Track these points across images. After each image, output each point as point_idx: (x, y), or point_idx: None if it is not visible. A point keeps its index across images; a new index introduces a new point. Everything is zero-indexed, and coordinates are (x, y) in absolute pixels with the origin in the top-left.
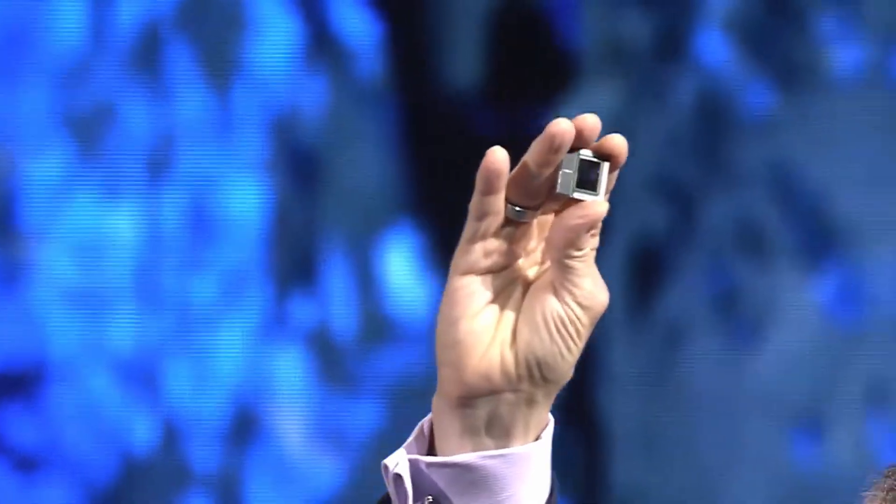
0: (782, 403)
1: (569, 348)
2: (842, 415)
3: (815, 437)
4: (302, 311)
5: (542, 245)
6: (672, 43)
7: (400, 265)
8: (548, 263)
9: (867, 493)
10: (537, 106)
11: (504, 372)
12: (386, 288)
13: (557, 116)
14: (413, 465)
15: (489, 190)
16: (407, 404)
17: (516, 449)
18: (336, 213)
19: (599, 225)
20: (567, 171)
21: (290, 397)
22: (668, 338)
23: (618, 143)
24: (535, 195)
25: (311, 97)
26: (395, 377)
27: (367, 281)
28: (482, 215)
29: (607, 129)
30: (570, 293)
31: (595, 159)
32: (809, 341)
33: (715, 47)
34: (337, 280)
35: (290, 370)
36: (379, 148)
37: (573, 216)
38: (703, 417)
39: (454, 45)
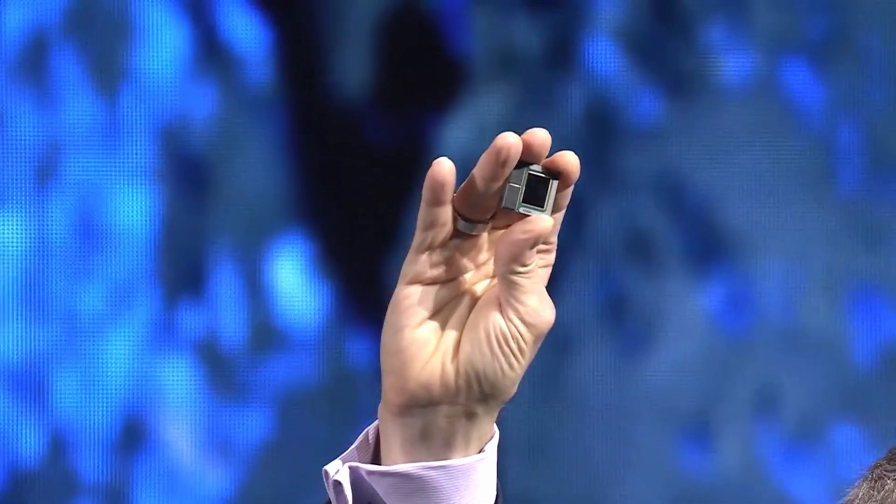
0: (671, 410)
1: (510, 365)
2: (730, 421)
3: (703, 443)
4: (190, 319)
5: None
6: (561, 51)
7: (289, 273)
8: (496, 278)
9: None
10: (427, 113)
11: (444, 384)
12: (275, 296)
13: (447, 124)
14: (354, 472)
15: (434, 201)
16: (296, 413)
17: (458, 461)
18: (225, 220)
19: (554, 241)
20: (514, 185)
21: (178, 406)
22: (558, 345)
23: (569, 160)
24: (484, 209)
25: (200, 104)
26: (284, 386)
27: (256, 289)
28: (428, 226)
29: (496, 135)
30: (515, 309)
31: (544, 175)
32: (698, 348)
33: (604, 55)
34: (225, 288)
35: (178, 379)
36: (268, 155)
37: (518, 231)
38: (593, 424)
39: (344, 52)
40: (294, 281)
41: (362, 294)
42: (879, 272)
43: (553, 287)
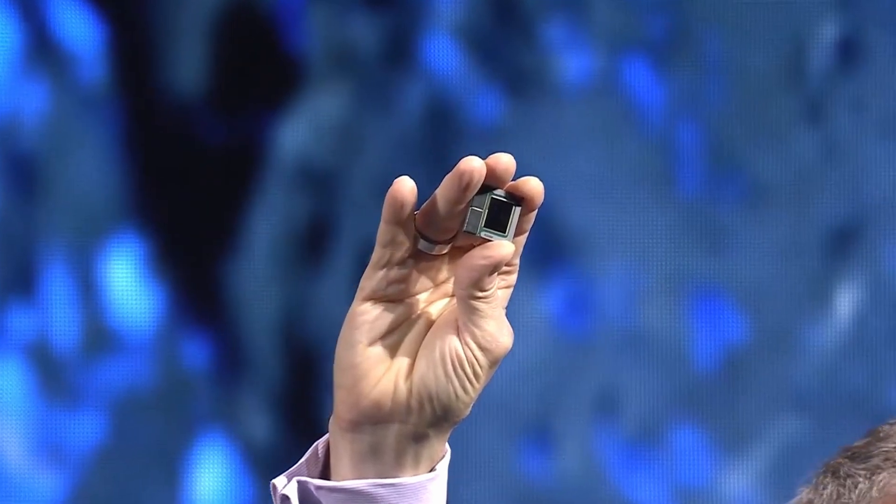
0: (511, 413)
1: (465, 389)
2: (570, 425)
3: (543, 447)
4: (21, 321)
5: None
6: (400, 48)
7: (123, 274)
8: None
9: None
10: (263, 112)
11: (396, 402)
12: (108, 297)
13: (283, 123)
14: (302, 486)
15: (393, 219)
16: (130, 417)
17: (408, 479)
18: (57, 220)
19: (516, 263)
20: (477, 209)
21: (8, 410)
22: None
23: (533, 186)
24: (446, 230)
25: (31, 102)
26: (117, 389)
27: (88, 290)
28: (386, 243)
29: (335, 134)
30: (472, 333)
31: (507, 200)
32: (537, 350)
33: (443, 53)
34: (57, 289)
35: (8, 382)
36: (101, 154)
37: (477, 256)
38: None
39: (179, 50)
40: (128, 281)
41: (198, 295)
42: (720, 274)
43: None
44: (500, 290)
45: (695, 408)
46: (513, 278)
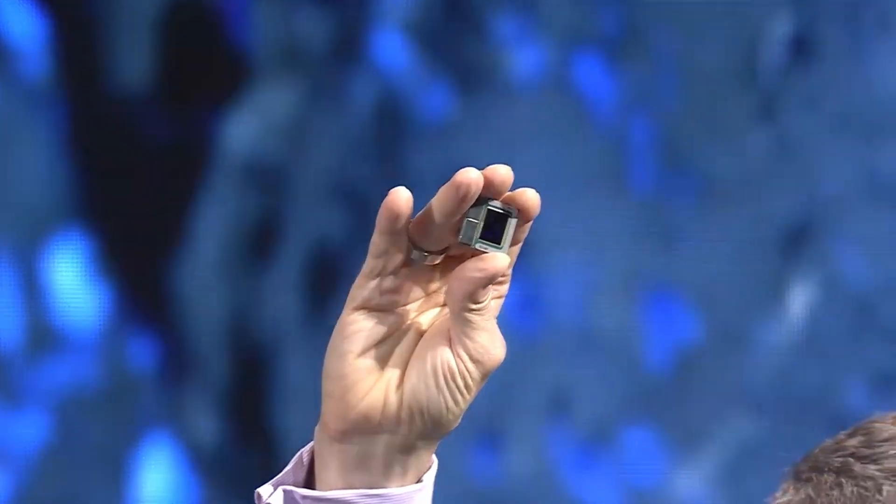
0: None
1: (455, 401)
2: (521, 425)
3: (494, 448)
4: None
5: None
6: (349, 44)
7: (67, 272)
8: (447, 308)
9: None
10: (209, 109)
11: (386, 414)
12: (53, 296)
13: (230, 120)
14: (287, 495)
15: (387, 230)
16: (75, 418)
17: (395, 490)
18: (0, 219)
19: (509, 273)
20: (472, 220)
21: None
22: None
23: (530, 197)
24: (440, 240)
25: None
26: (62, 390)
27: (32, 289)
28: (379, 253)
29: (284, 131)
30: (464, 346)
31: (503, 211)
32: None
33: (393, 49)
34: (1, 289)
35: None
36: (45, 151)
37: (472, 268)
38: None
39: (124, 45)
40: (73, 280)
41: (144, 294)
42: (672, 273)
43: (341, 286)
44: (491, 299)
45: (647, 408)
46: (505, 288)
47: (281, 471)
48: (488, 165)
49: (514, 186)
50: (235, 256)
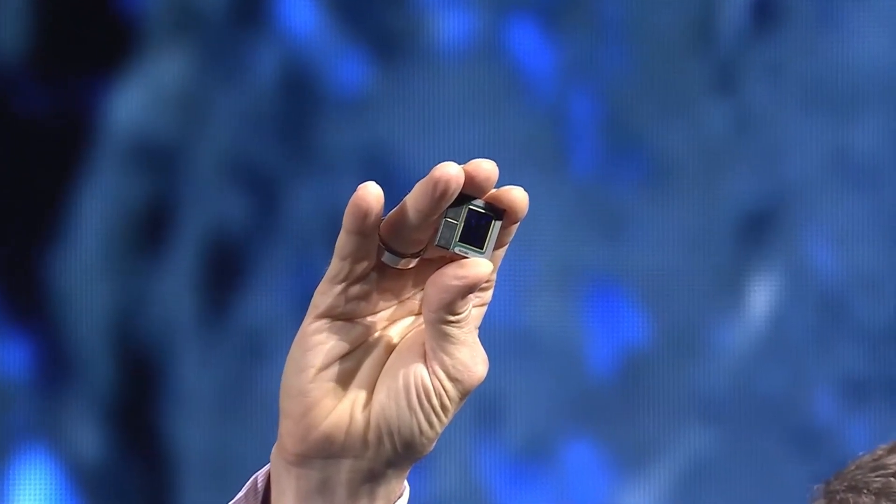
0: None
1: (430, 423)
2: (447, 439)
3: (418, 465)
4: None
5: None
6: (250, 7)
7: None
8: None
9: None
10: (92, 79)
11: (351, 436)
12: None
13: (116, 91)
14: None
15: (354, 229)
16: None
17: None
18: None
19: (493, 280)
20: (451, 220)
21: None
22: (247, 348)
23: (517, 196)
24: (415, 242)
25: None
26: None
27: None
28: (346, 255)
29: (177, 104)
30: (441, 362)
31: (486, 212)
32: None
33: (301, 13)
34: None
35: None
36: None
37: (450, 275)
38: None
39: None
40: None
41: (16, 290)
42: (618, 265)
43: (243, 281)
44: (473, 308)
45: (589, 419)
46: (488, 295)
47: (173, 489)
48: (409, 145)
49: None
50: (121, 247)
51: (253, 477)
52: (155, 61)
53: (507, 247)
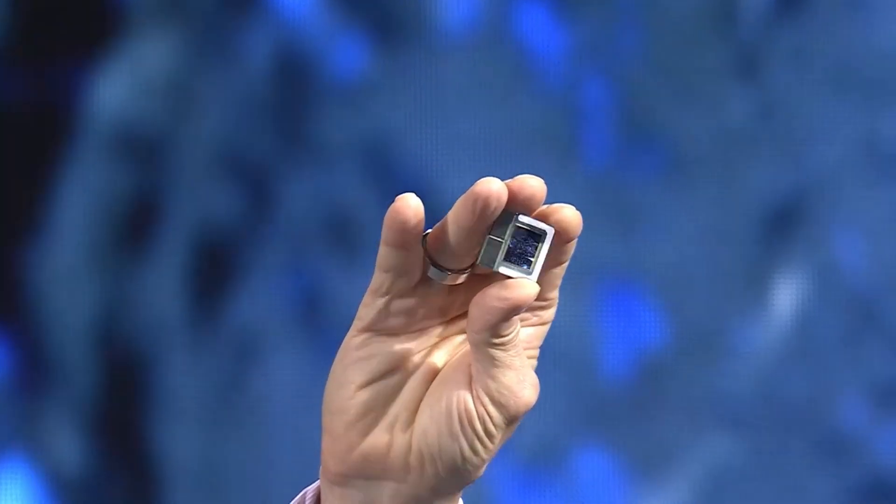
0: None
1: (474, 450)
2: None
3: None
4: None
5: None
6: None
7: None
8: None
9: None
10: (72, 66)
11: (392, 458)
12: None
13: (98, 78)
14: None
15: (395, 243)
16: None
17: None
18: None
19: (554, 297)
20: (495, 238)
21: None
22: (237, 350)
23: (567, 215)
24: (461, 258)
25: None
26: None
27: None
28: (388, 268)
29: (164, 92)
30: (485, 385)
31: (533, 230)
32: None
33: None
34: None
35: None
36: None
37: (493, 296)
38: (280, 446)
39: None
40: None
41: None
42: (634, 261)
43: (234, 280)
44: (530, 326)
45: (603, 424)
46: (549, 314)
47: (159, 499)
48: (411, 135)
49: (444, 161)
50: (104, 243)
51: (303, 492)
52: (140, 45)
53: (566, 264)
